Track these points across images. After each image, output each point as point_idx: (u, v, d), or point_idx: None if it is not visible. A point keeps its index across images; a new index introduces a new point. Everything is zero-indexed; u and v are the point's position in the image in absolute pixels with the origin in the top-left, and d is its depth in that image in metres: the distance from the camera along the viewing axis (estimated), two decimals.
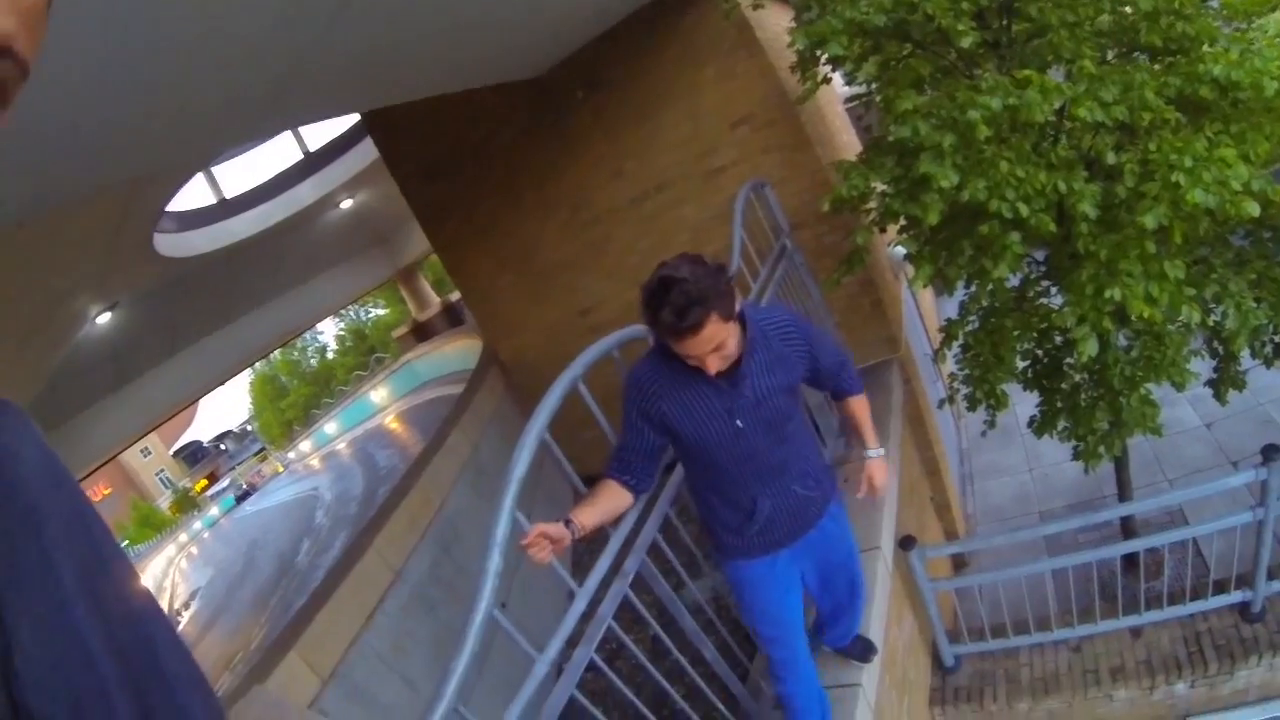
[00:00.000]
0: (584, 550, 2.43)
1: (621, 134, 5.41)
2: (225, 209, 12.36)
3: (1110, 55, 3.94)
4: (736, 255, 3.51)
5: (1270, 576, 4.08)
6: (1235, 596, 4.15)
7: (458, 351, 15.31)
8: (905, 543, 3.75)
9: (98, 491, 36.71)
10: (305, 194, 13.39)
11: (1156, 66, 3.67)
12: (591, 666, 2.13)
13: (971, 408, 4.52)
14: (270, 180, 13.33)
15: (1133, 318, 3.36)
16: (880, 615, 3.38)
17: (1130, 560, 5.67)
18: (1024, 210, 3.31)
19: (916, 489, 5.41)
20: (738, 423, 2.16)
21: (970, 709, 4.52)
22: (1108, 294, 3.27)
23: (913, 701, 4.18)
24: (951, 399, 4.65)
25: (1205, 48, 3.46)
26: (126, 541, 32.80)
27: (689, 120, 5.21)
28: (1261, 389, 7.23)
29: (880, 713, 3.44)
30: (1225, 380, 4.73)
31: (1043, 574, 4.28)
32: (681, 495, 2.61)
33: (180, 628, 15.45)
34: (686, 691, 2.65)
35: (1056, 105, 3.28)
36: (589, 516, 2.09)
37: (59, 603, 0.71)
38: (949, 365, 4.81)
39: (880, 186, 3.94)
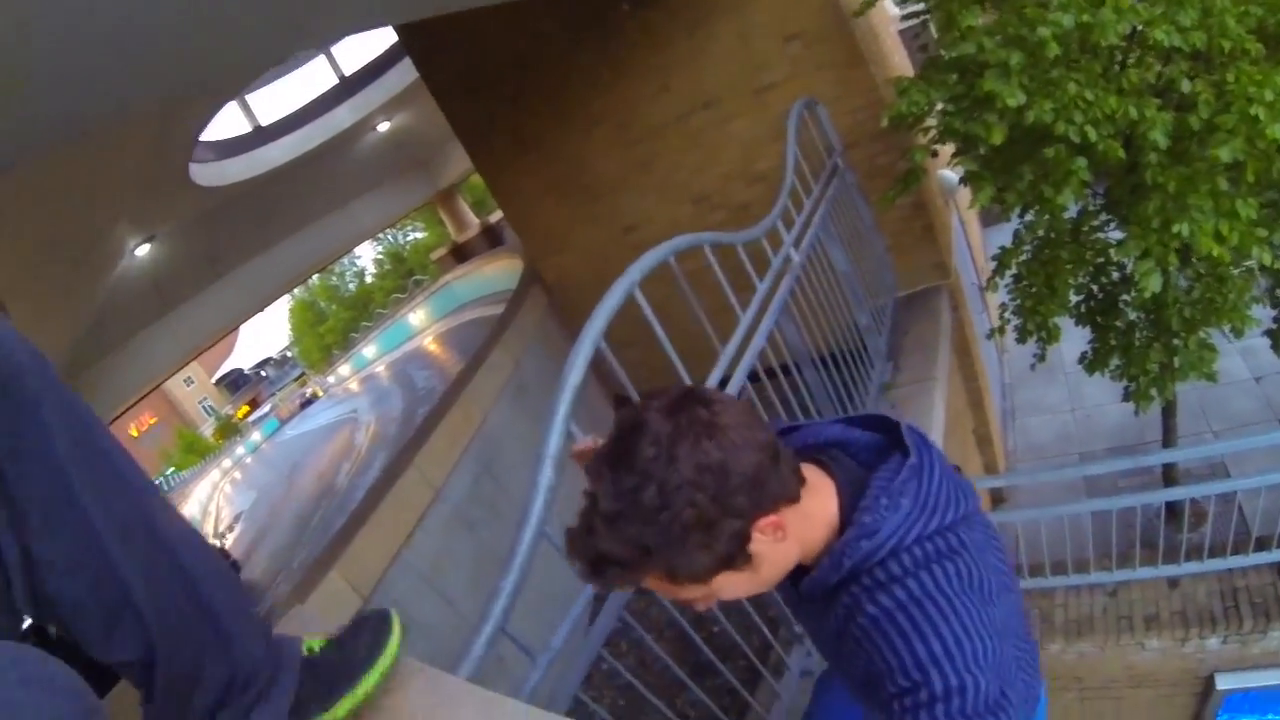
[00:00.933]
0: None
1: (669, 48, 5.24)
2: (260, 136, 12.36)
3: None
4: (790, 173, 3.38)
5: None
6: (1277, 555, 4.12)
7: (497, 272, 15.29)
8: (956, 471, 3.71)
9: (144, 421, 37.57)
10: (342, 118, 13.33)
11: None
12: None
13: (1021, 340, 4.43)
14: (306, 106, 13.28)
15: (1198, 257, 3.24)
16: None
17: (1172, 510, 5.60)
18: (1092, 135, 3.16)
19: (960, 420, 5.35)
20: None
21: None
22: (1176, 229, 3.15)
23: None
24: (1001, 330, 4.55)
25: None
26: (173, 469, 33.80)
27: (739, 35, 5.03)
28: None
29: None
30: None
31: (1082, 516, 4.23)
32: None
33: (227, 547, 15.83)
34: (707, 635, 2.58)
35: (1130, 27, 3.13)
36: None
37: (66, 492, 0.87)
38: (999, 296, 4.69)
39: (940, 104, 3.78)
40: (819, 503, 1.06)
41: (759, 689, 2.83)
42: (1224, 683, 4.47)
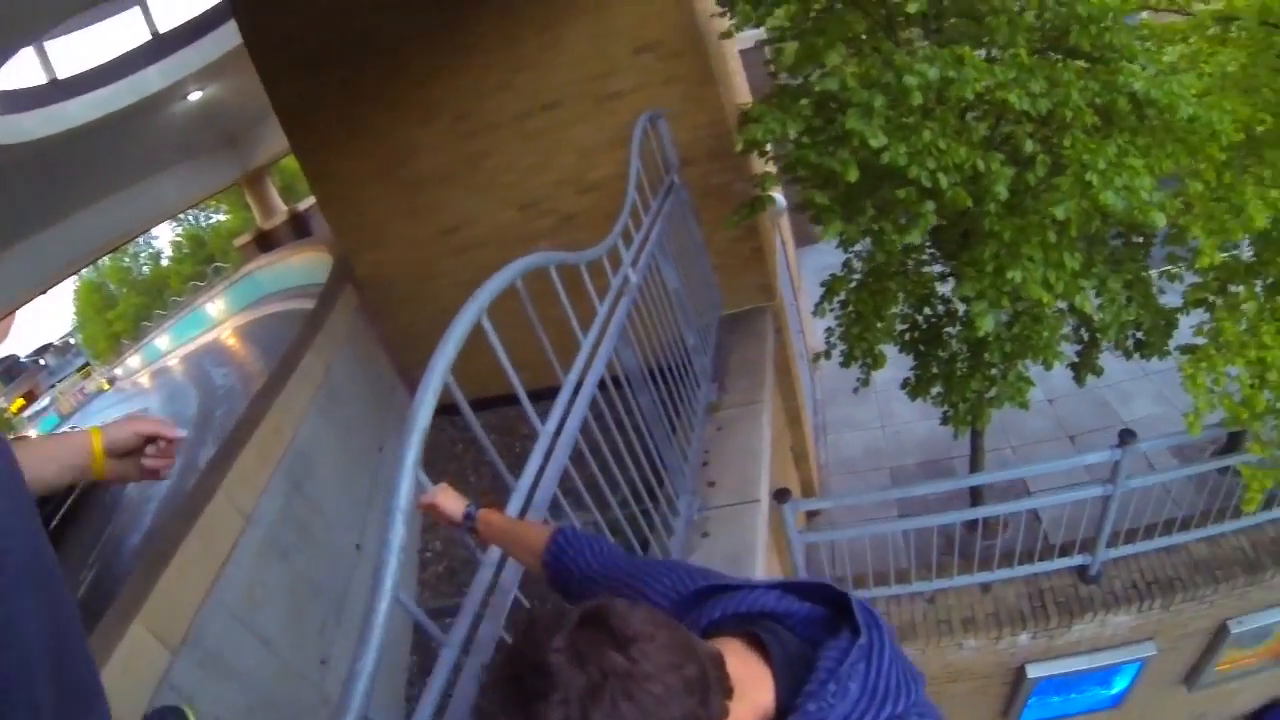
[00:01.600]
0: None
1: (519, 43, 5.02)
2: (57, 90, 10.83)
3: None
4: (632, 189, 3.28)
5: (1110, 544, 4.47)
6: (1076, 560, 4.56)
7: (304, 264, 14.25)
8: (780, 495, 3.75)
9: None
10: (151, 80, 11.93)
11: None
12: None
13: (846, 364, 4.60)
14: (112, 62, 11.73)
15: (1024, 300, 3.48)
16: (761, 571, 3.32)
17: (973, 521, 6.03)
18: (943, 181, 3.33)
19: (781, 439, 5.47)
20: None
21: None
22: (1009, 274, 3.40)
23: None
24: (826, 354, 4.71)
25: (1125, 63, 3.51)
26: None
27: (592, 38, 4.88)
28: (1106, 374, 7.87)
29: None
30: (1086, 365, 5.10)
31: (898, 532, 4.44)
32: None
33: None
34: None
35: (984, 86, 3.29)
36: (500, 525, 1.69)
37: None
38: (824, 320, 4.86)
39: (794, 134, 3.82)
40: (751, 699, 0.94)
41: None
42: (1034, 671, 4.89)
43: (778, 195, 5.44)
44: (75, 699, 0.99)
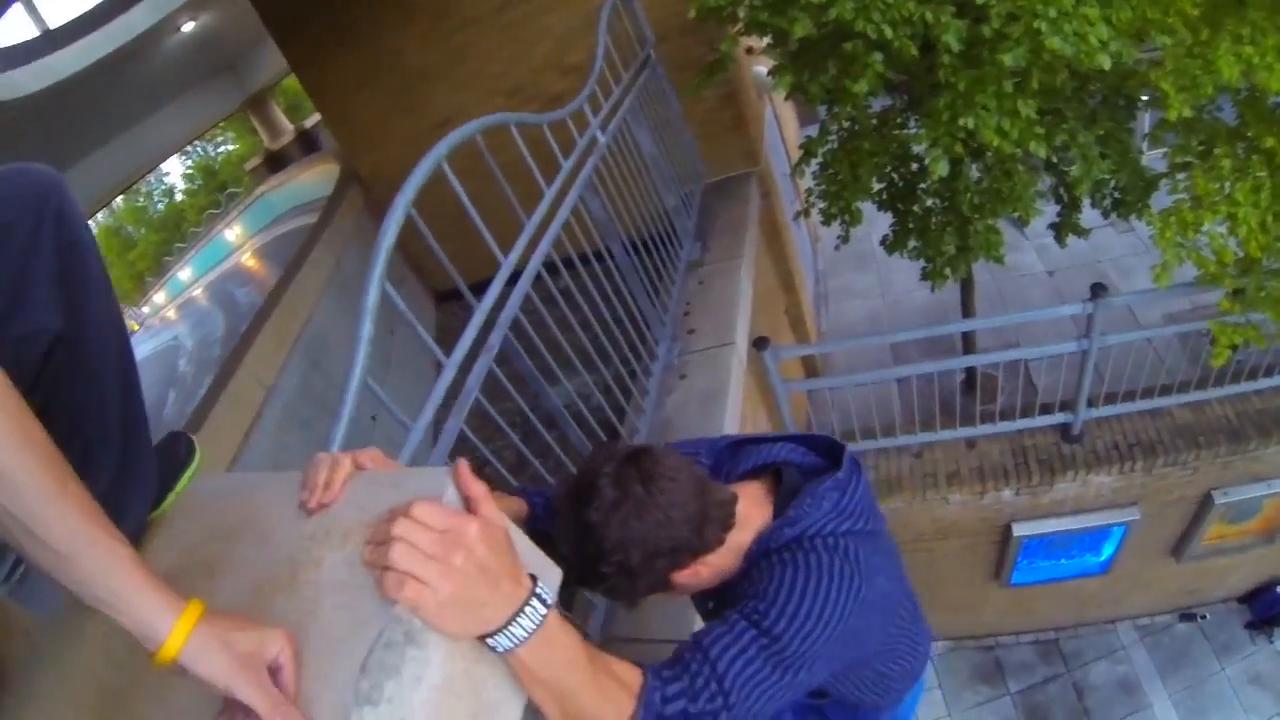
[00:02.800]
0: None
1: None
2: (50, 42, 10.83)
3: None
4: (599, 59, 3.45)
5: (1090, 404, 4.55)
6: (1058, 418, 4.65)
7: (315, 179, 14.38)
8: (759, 343, 3.96)
9: None
10: (139, 19, 11.83)
11: None
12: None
13: (826, 222, 4.71)
14: (99, 5, 11.63)
15: (983, 148, 3.56)
16: (734, 408, 3.59)
17: (970, 382, 6.21)
18: (889, 33, 3.37)
19: (772, 299, 5.66)
20: None
21: None
22: (961, 121, 3.45)
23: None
24: (806, 212, 4.82)
25: None
26: None
27: None
28: (1102, 246, 7.97)
29: None
30: (1066, 225, 5.13)
31: (889, 384, 4.61)
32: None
33: None
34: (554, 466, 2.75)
35: None
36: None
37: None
38: (805, 182, 4.97)
39: None
40: (752, 526, 1.35)
41: None
42: (1020, 530, 5.05)
43: (761, 69, 5.49)
44: (139, 429, 1.12)
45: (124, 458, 1.06)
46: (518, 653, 0.88)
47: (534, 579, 0.90)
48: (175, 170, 34.84)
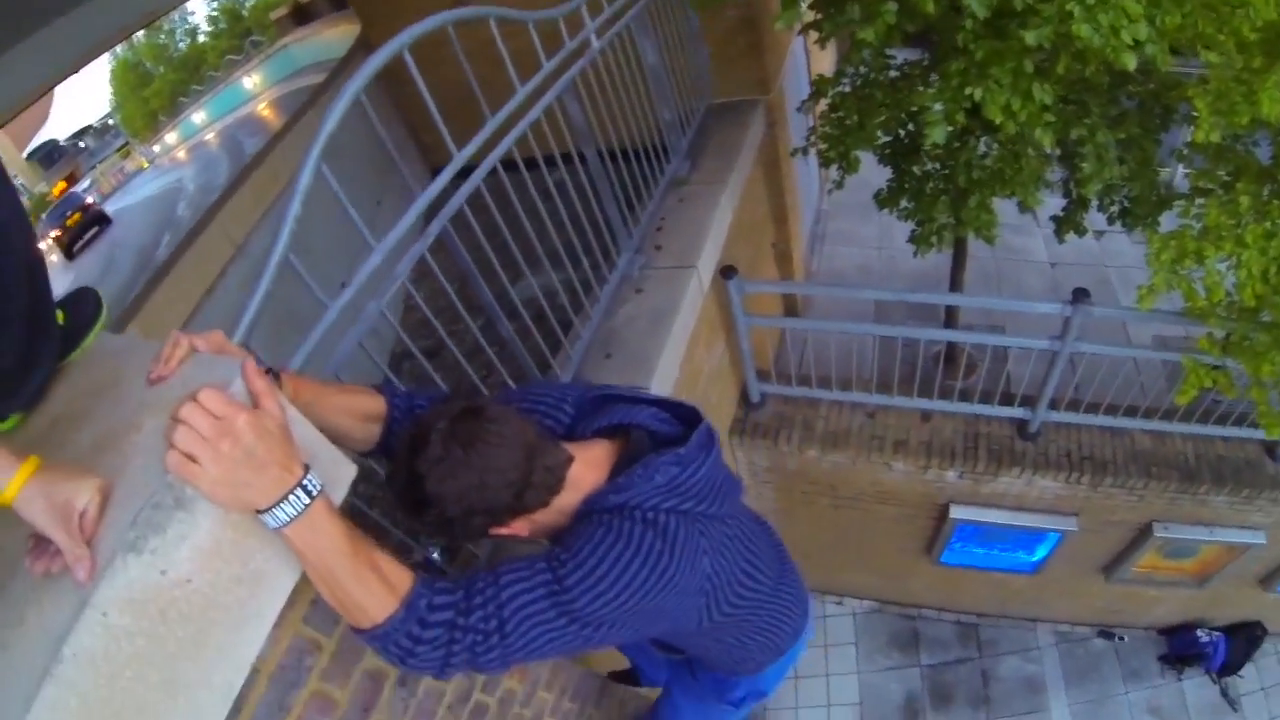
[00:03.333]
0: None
1: None
2: None
3: None
4: None
5: (1052, 406, 4.46)
6: (1018, 412, 4.55)
7: (339, 37, 14.11)
8: (725, 272, 3.88)
9: None
10: None
11: None
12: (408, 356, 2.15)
13: (824, 164, 4.59)
14: None
15: (989, 121, 3.38)
16: (683, 331, 3.55)
17: (951, 357, 6.14)
18: None
19: (759, 230, 5.54)
20: None
21: (765, 444, 4.92)
22: (969, 91, 3.28)
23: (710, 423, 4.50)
24: (804, 150, 4.69)
25: None
26: None
27: None
28: (1112, 252, 7.79)
29: None
30: (1069, 222, 5.02)
31: (858, 340, 4.47)
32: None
33: None
34: (484, 373, 2.76)
35: None
36: (312, 386, 1.39)
37: None
38: (809, 121, 4.83)
39: None
40: (581, 485, 1.36)
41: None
42: (957, 512, 5.02)
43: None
44: (43, 320, 1.21)
45: (30, 333, 1.16)
46: (285, 533, 1.04)
47: (306, 470, 1.05)
48: (200, 11, 34.08)
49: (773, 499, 5.72)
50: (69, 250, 18.54)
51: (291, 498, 1.02)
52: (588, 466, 1.38)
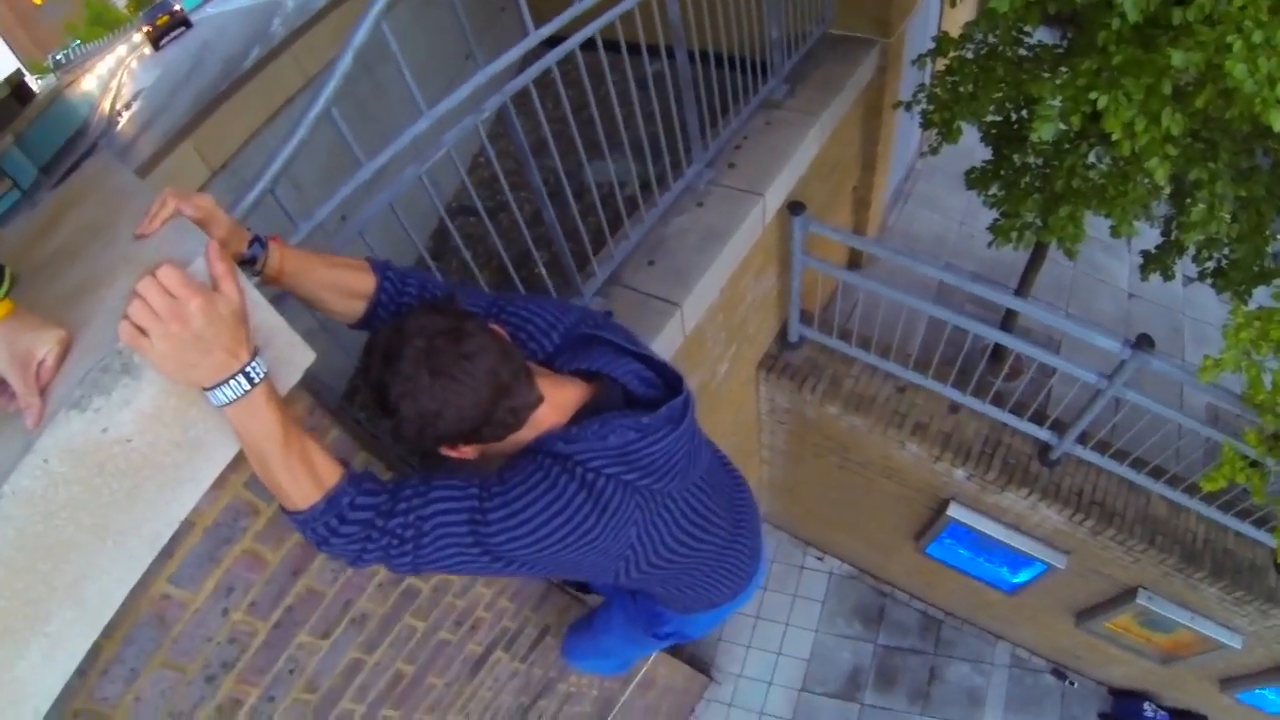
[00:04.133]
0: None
1: None
2: None
3: None
4: None
5: (1080, 441, 4.29)
6: (1045, 434, 4.38)
7: None
8: (794, 207, 3.74)
9: None
10: None
11: None
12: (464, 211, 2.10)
13: (925, 125, 4.36)
14: None
15: (1106, 132, 3.13)
16: (732, 257, 3.46)
17: (997, 355, 5.97)
18: None
19: (843, 170, 5.35)
20: None
21: (790, 387, 4.86)
22: (1094, 94, 3.01)
23: (741, 351, 4.43)
24: (909, 105, 4.46)
25: None
26: (77, 41, 30.52)
27: None
28: (1195, 303, 7.42)
29: (700, 338, 3.65)
30: (1158, 261, 4.79)
31: (910, 311, 4.29)
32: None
33: (119, 127, 14.88)
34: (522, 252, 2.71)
35: None
36: (302, 257, 1.36)
37: None
38: (926, 76, 4.57)
39: None
40: (541, 425, 1.34)
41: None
42: (955, 511, 4.97)
43: None
44: None
45: None
46: (225, 412, 1.10)
47: (253, 356, 1.08)
48: None
49: (785, 441, 5.69)
50: (156, 43, 22.76)
51: (232, 382, 1.07)
52: (552, 408, 1.36)
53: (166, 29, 22.87)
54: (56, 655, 1.07)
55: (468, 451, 1.34)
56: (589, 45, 2.50)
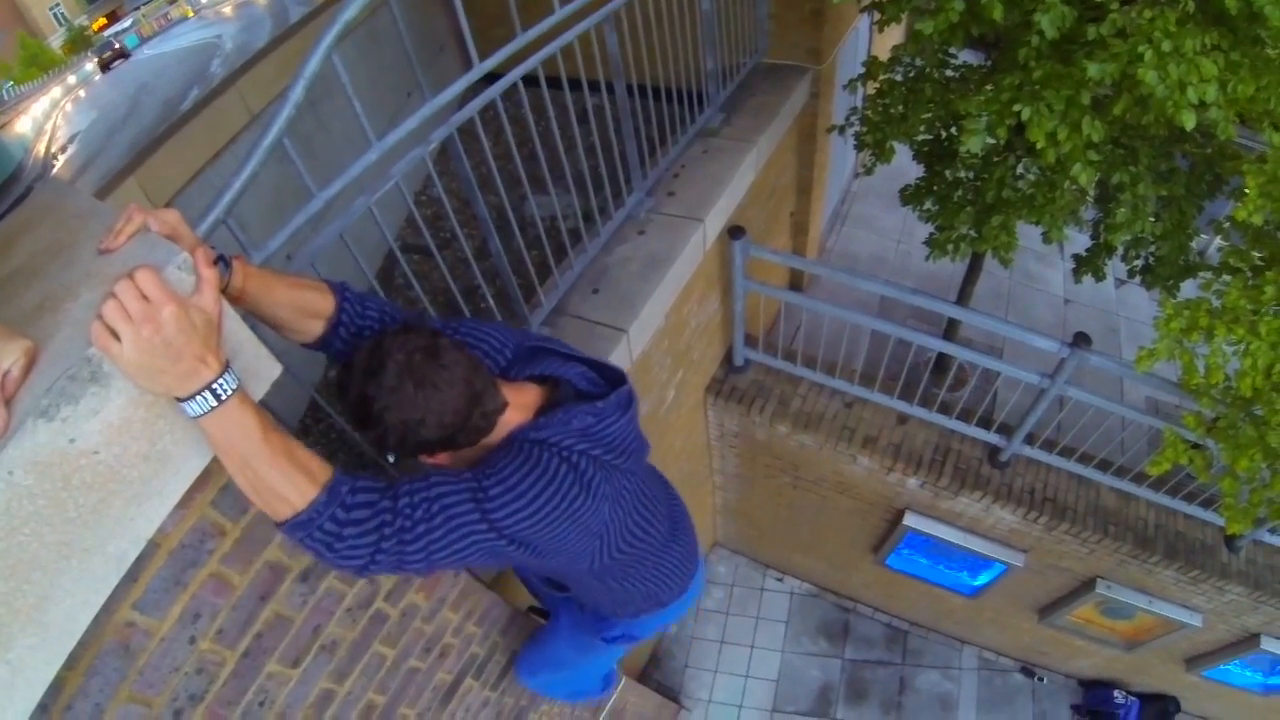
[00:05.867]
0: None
1: None
2: None
3: None
4: None
5: (1027, 441, 4.40)
6: (993, 438, 4.50)
7: None
8: (734, 232, 3.81)
9: None
10: None
11: None
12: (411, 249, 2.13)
13: (858, 147, 4.50)
14: None
15: (1031, 144, 3.27)
16: (674, 283, 3.52)
17: (940, 365, 6.10)
18: None
19: (779, 196, 5.46)
20: None
21: (738, 410, 4.91)
22: (1017, 107, 3.16)
23: (688, 376, 4.47)
24: (841, 128, 4.59)
25: None
26: (10, 82, 30.13)
27: None
28: (1128, 303, 7.68)
29: (647, 363, 3.67)
30: (1089, 263, 4.92)
31: (853, 327, 4.38)
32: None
33: (55, 170, 14.61)
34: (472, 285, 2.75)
35: None
36: (264, 274, 1.37)
37: None
38: (857, 100, 4.71)
39: None
40: (506, 426, 1.48)
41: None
42: (910, 520, 5.02)
43: None
44: None
45: None
46: (200, 423, 1.09)
47: (225, 368, 1.09)
48: None
49: (736, 464, 5.72)
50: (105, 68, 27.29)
51: (206, 392, 1.07)
52: (515, 410, 1.50)
53: (111, 60, 28.09)
54: (17, 685, 1.03)
55: (442, 458, 1.46)
56: (531, 81, 2.56)
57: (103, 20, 40.16)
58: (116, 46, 28.02)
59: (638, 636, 2.34)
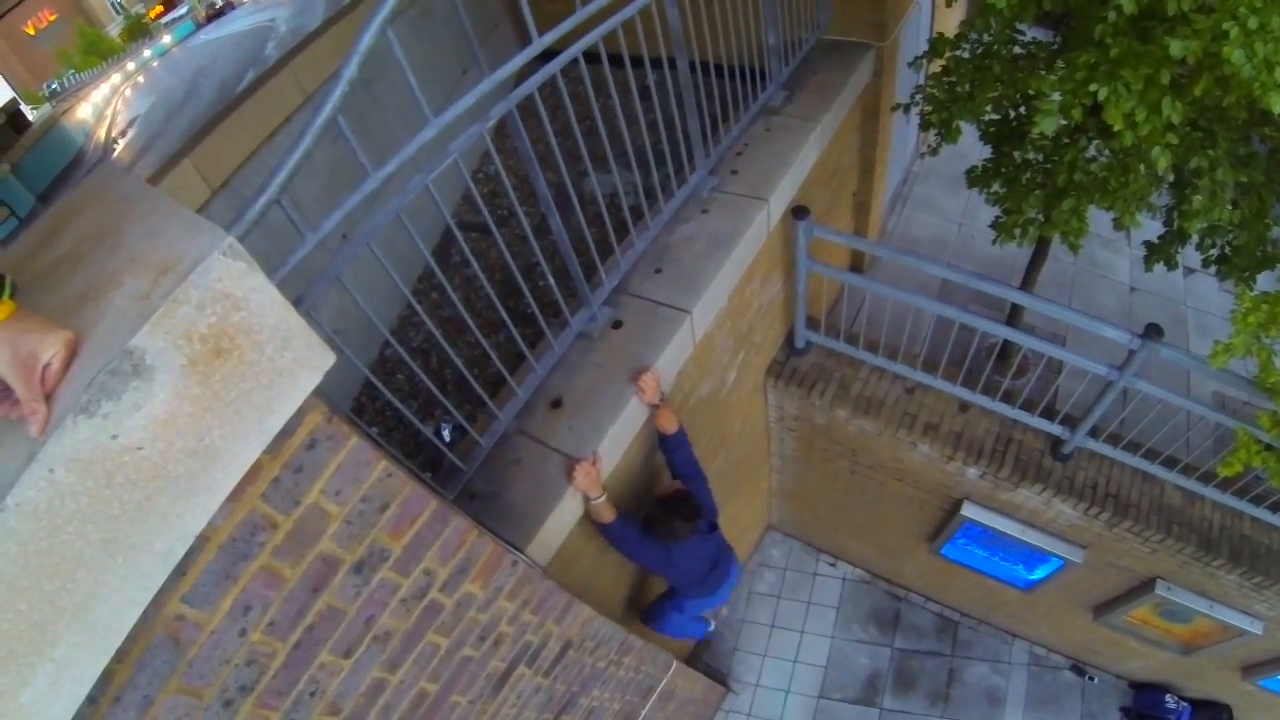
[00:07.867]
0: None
1: None
2: None
3: None
4: None
5: (1092, 434, 4.25)
6: (1056, 429, 4.35)
7: None
8: (797, 212, 3.73)
9: (43, 17, 34.13)
10: None
11: None
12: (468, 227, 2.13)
13: (923, 127, 4.35)
14: None
15: (1107, 125, 3.13)
16: (738, 263, 3.46)
17: (1004, 352, 5.95)
18: None
19: (841, 176, 5.36)
20: None
21: (799, 392, 4.84)
22: (1093, 87, 3.01)
23: (749, 358, 4.42)
24: (907, 107, 4.46)
25: None
26: (71, 70, 30.96)
27: None
28: (1196, 293, 7.39)
29: (709, 345, 3.63)
30: (1161, 251, 4.74)
31: (916, 311, 4.30)
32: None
33: (115, 154, 14.88)
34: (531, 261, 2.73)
35: None
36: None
37: None
38: (919, 78, 4.57)
39: None
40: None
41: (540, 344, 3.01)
42: (968, 510, 4.92)
43: None
44: None
45: None
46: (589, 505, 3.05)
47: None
48: None
49: (794, 447, 5.66)
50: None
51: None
52: None
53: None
54: (64, 682, 1.01)
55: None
56: (591, 57, 2.52)
57: (159, 8, 41.04)
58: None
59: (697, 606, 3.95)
